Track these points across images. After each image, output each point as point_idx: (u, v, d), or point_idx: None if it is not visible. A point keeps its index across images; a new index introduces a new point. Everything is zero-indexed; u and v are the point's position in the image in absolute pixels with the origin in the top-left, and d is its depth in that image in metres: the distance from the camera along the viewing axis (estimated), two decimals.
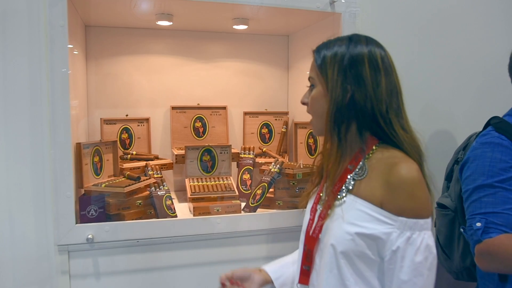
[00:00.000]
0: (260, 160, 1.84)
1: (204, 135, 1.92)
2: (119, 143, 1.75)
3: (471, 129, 1.48)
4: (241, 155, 1.80)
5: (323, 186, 0.98)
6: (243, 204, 1.59)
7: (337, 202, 0.92)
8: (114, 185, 1.47)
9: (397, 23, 1.74)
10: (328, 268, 0.89)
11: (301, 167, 1.68)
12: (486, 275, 1.20)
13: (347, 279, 0.88)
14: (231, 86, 2.00)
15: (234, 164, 1.79)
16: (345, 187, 0.92)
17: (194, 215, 1.49)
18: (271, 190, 1.62)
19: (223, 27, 1.85)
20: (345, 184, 0.92)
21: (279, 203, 1.62)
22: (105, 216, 1.39)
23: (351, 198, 0.90)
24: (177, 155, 1.71)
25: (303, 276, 0.97)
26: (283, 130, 1.97)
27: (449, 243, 1.40)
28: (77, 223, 1.29)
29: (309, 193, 1.04)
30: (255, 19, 1.70)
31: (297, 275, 0.99)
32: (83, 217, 1.35)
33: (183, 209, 1.60)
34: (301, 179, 1.60)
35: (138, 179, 1.54)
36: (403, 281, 0.83)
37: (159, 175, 1.65)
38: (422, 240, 0.83)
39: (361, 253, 0.87)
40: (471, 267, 1.35)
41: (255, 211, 1.55)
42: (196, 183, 1.65)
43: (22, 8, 1.26)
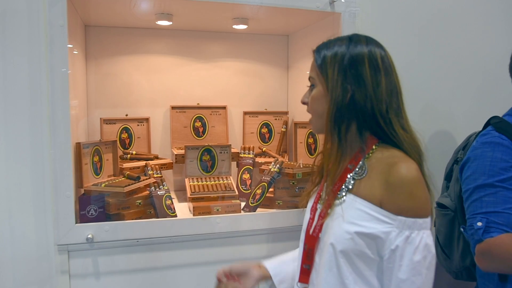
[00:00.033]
0: (260, 159, 1.84)
1: (204, 135, 1.92)
2: (118, 142, 1.75)
3: (471, 129, 1.48)
4: (241, 155, 1.80)
5: (324, 185, 0.99)
6: (243, 203, 1.59)
7: (337, 201, 0.92)
8: (113, 185, 1.47)
9: (397, 23, 1.74)
10: (327, 267, 0.90)
11: (301, 166, 1.68)
12: (485, 275, 1.20)
13: (346, 278, 0.88)
14: (231, 86, 2.00)
15: (234, 163, 1.79)
16: (345, 186, 0.92)
17: (194, 215, 1.49)
18: (271, 189, 1.62)
19: (223, 27, 1.85)
20: (345, 183, 0.92)
21: (279, 203, 1.62)
22: (105, 215, 1.39)
23: (350, 197, 0.90)
24: (177, 154, 1.71)
25: (303, 275, 0.97)
26: (282, 129, 1.97)
27: (449, 243, 1.40)
28: (77, 223, 1.29)
29: (310, 192, 1.04)
30: (255, 19, 1.70)
31: (297, 274, 0.99)
32: (83, 217, 1.35)
33: (183, 209, 1.60)
34: (301, 178, 1.60)
35: (138, 179, 1.54)
36: (401, 280, 0.83)
37: (159, 175, 1.65)
38: (421, 239, 0.84)
39: (360, 252, 0.87)
40: (470, 267, 1.35)
41: (255, 211, 1.55)
42: (196, 183, 1.65)
43: (21, 8, 1.26)
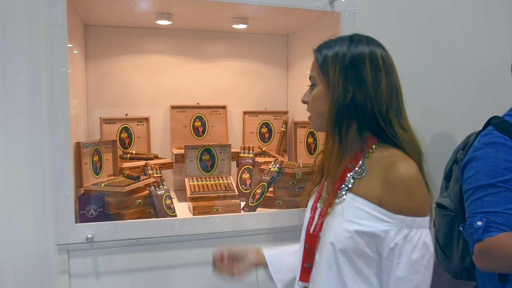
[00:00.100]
0: (259, 159, 1.84)
1: (203, 135, 1.92)
2: (118, 142, 1.75)
3: (470, 129, 1.48)
4: (240, 155, 1.80)
5: (324, 184, 0.99)
6: (243, 203, 1.59)
7: (337, 200, 0.92)
8: (113, 185, 1.47)
9: (397, 22, 1.74)
10: (327, 265, 0.90)
11: (301, 166, 1.68)
12: (485, 275, 1.20)
13: (346, 276, 0.88)
14: (231, 85, 2.00)
15: (233, 163, 1.79)
16: (345, 185, 0.92)
17: (193, 215, 1.49)
18: (271, 189, 1.62)
19: (222, 27, 1.85)
20: (345, 182, 0.93)
21: (278, 203, 1.62)
22: (104, 215, 1.39)
23: (350, 196, 0.91)
24: (176, 154, 1.71)
25: (304, 273, 0.97)
26: (282, 129, 1.97)
27: (449, 243, 1.40)
28: (76, 223, 1.29)
29: (310, 191, 1.05)
30: (255, 19, 1.70)
31: (298, 272, 0.99)
32: (82, 217, 1.35)
33: (182, 209, 1.60)
34: (301, 178, 1.60)
35: (137, 179, 1.54)
36: (399, 278, 0.84)
37: (159, 175, 1.65)
38: (419, 238, 0.84)
39: (360, 251, 0.87)
40: (470, 267, 1.35)
41: (254, 211, 1.55)
42: (195, 183, 1.65)
43: (21, 7, 1.26)
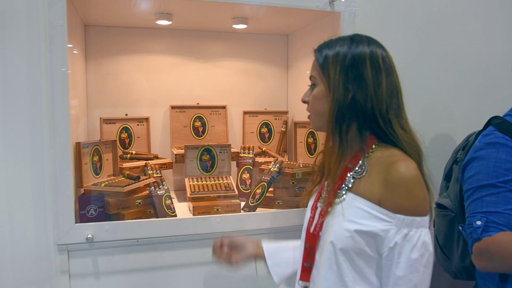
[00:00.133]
0: (259, 159, 1.84)
1: (203, 135, 1.92)
2: (118, 142, 1.75)
3: (470, 129, 1.48)
4: (240, 155, 1.80)
5: (324, 184, 0.99)
6: (243, 203, 1.59)
7: (337, 200, 0.92)
8: (113, 185, 1.47)
9: (397, 22, 1.74)
10: (327, 264, 0.90)
11: (301, 166, 1.68)
12: (486, 275, 1.20)
13: (346, 275, 0.89)
14: (231, 85, 2.00)
15: (233, 163, 1.79)
16: (345, 185, 0.93)
17: (193, 215, 1.49)
18: (271, 189, 1.62)
19: (222, 27, 1.85)
20: (345, 182, 0.93)
21: (278, 203, 1.62)
22: (104, 215, 1.39)
23: (350, 196, 0.91)
24: (176, 154, 1.71)
25: (304, 273, 0.98)
26: (282, 129, 1.97)
27: (449, 243, 1.40)
28: (76, 223, 1.29)
29: (310, 191, 1.05)
30: (255, 19, 1.70)
31: (299, 272, 1.00)
32: (82, 217, 1.35)
33: (182, 209, 1.60)
34: (301, 178, 1.60)
35: (137, 179, 1.54)
36: (399, 277, 0.84)
37: (159, 175, 1.65)
38: (419, 237, 0.84)
39: (359, 250, 0.87)
40: (470, 267, 1.35)
41: (254, 211, 1.55)
42: (195, 183, 1.65)
43: (21, 7, 1.26)
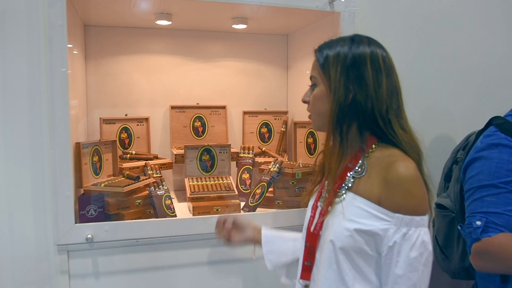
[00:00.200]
0: (259, 159, 1.84)
1: (203, 135, 1.92)
2: (118, 142, 1.75)
3: (470, 129, 1.48)
4: (240, 155, 1.80)
5: (325, 184, 0.99)
6: (243, 203, 1.60)
7: (337, 199, 0.93)
8: (113, 185, 1.47)
9: (396, 22, 1.74)
10: (327, 263, 0.91)
11: (301, 166, 1.68)
12: (486, 276, 1.20)
13: (346, 274, 0.89)
14: (231, 85, 2.00)
15: (233, 163, 1.79)
16: (345, 185, 0.93)
17: (193, 215, 1.49)
18: (271, 189, 1.62)
19: (222, 27, 1.85)
20: (345, 182, 0.93)
21: (278, 203, 1.62)
22: (104, 215, 1.39)
23: (350, 195, 0.91)
24: (176, 154, 1.71)
25: (305, 272, 0.98)
26: (282, 129, 1.97)
27: (449, 243, 1.40)
28: (76, 223, 1.29)
29: (311, 191, 1.06)
30: (255, 19, 1.70)
31: (299, 270, 1.00)
32: (82, 217, 1.35)
33: (182, 209, 1.60)
34: (301, 178, 1.60)
35: (137, 179, 1.54)
36: (398, 276, 0.84)
37: (159, 175, 1.65)
38: (418, 236, 0.85)
39: (359, 249, 0.88)
40: (470, 268, 1.34)
41: (254, 211, 1.55)
42: (195, 183, 1.65)
43: (21, 8, 1.26)
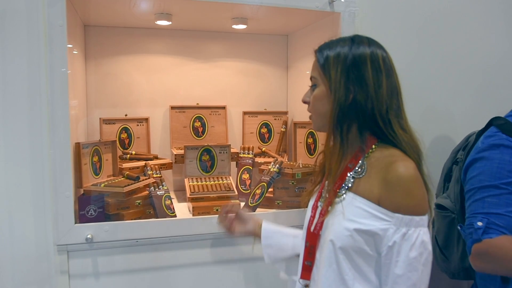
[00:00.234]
0: (259, 159, 1.84)
1: (203, 135, 1.92)
2: (118, 143, 1.75)
3: (470, 129, 1.48)
4: (240, 155, 1.80)
5: (325, 184, 0.99)
6: (243, 203, 1.59)
7: (337, 199, 0.93)
8: (113, 185, 1.47)
9: (396, 23, 1.74)
10: (327, 263, 0.91)
11: (300, 166, 1.68)
12: (487, 277, 1.20)
13: (346, 273, 0.89)
14: (230, 85, 2.00)
15: (233, 163, 1.79)
16: (345, 185, 0.93)
17: (193, 215, 1.49)
18: (270, 189, 1.62)
19: (222, 27, 1.85)
20: (345, 182, 0.93)
21: (278, 203, 1.62)
22: (104, 216, 1.39)
23: (350, 195, 0.92)
24: (176, 155, 1.71)
25: (305, 271, 0.98)
26: (282, 129, 1.97)
27: (448, 244, 1.40)
28: (76, 223, 1.29)
29: (311, 191, 1.06)
30: (254, 19, 1.70)
31: (299, 270, 1.00)
32: (82, 217, 1.35)
33: (182, 209, 1.60)
34: (300, 178, 1.60)
35: (137, 179, 1.54)
36: (398, 276, 0.85)
37: (158, 175, 1.65)
38: (417, 236, 0.85)
39: (359, 249, 0.88)
40: (469, 268, 1.34)
41: (254, 211, 1.55)
42: (195, 183, 1.65)
43: (21, 8, 1.26)
